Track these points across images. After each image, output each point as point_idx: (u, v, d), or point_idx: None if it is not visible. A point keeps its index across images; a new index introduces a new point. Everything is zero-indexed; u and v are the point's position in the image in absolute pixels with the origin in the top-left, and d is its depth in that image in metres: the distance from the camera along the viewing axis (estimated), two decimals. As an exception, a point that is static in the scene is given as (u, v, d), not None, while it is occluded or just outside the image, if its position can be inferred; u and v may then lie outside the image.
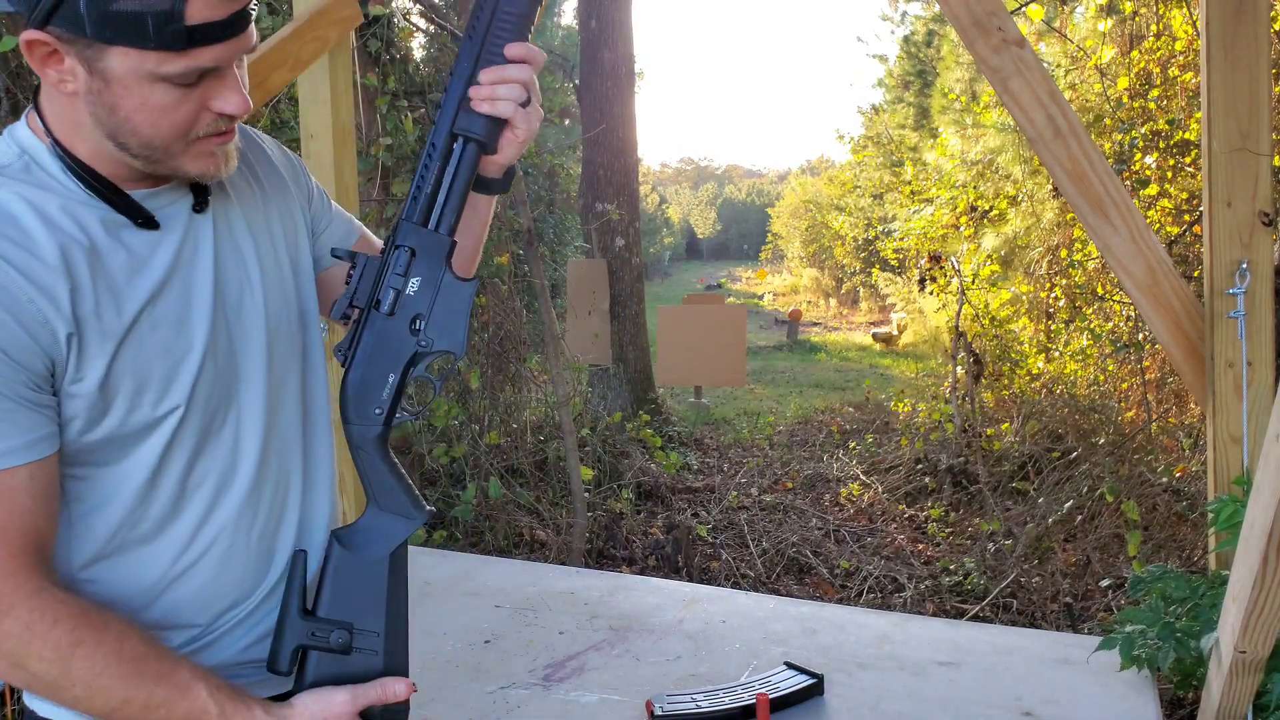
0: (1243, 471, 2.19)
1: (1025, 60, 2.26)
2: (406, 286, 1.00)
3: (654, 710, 1.92)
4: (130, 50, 0.85)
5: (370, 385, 1.01)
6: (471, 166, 1.00)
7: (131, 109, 0.89)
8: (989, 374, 6.43)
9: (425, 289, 1.00)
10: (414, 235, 1.00)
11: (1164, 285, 2.27)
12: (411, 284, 1.00)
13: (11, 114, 3.49)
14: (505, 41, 0.98)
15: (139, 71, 0.87)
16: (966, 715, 1.96)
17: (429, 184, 1.00)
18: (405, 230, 1.00)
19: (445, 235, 1.00)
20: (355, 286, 1.01)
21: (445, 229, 1.00)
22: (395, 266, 1.00)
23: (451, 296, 1.00)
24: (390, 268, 1.00)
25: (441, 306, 1.00)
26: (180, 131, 0.92)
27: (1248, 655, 1.66)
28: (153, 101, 0.89)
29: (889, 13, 16.13)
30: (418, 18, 5.16)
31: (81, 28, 0.84)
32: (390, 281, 1.00)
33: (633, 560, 4.61)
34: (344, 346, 1.02)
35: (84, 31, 0.84)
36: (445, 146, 0.99)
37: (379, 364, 1.01)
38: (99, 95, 0.88)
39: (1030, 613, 3.85)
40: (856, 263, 17.78)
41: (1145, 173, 4.96)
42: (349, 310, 1.02)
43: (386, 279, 1.00)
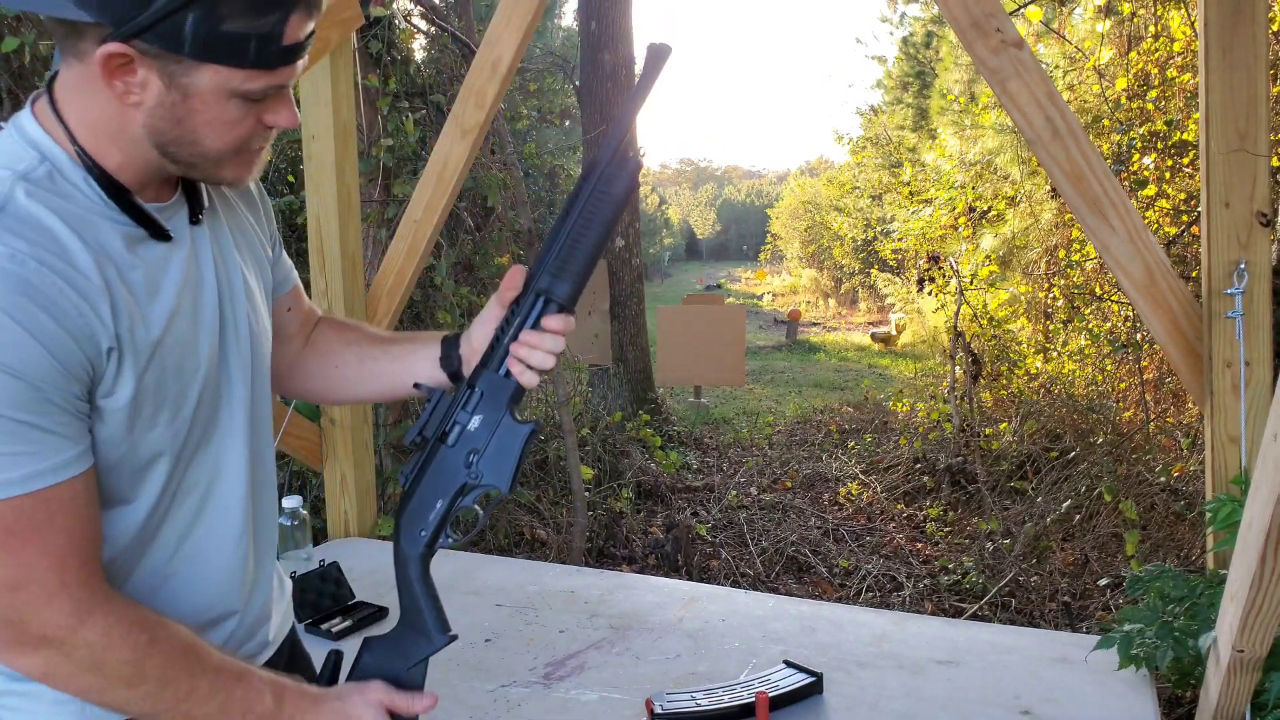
0: (1240, 471, 2.20)
1: (1024, 61, 2.27)
2: (469, 423, 1.08)
3: (654, 708, 1.93)
4: (222, 68, 0.88)
5: (420, 509, 1.10)
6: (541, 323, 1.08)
7: (202, 123, 0.91)
8: (987, 374, 6.44)
9: (485, 427, 1.08)
10: (484, 378, 1.08)
11: (1162, 285, 2.28)
12: (474, 420, 1.08)
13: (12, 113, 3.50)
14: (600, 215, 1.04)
15: (223, 88, 0.89)
16: (965, 714, 1.97)
17: (507, 335, 1.08)
18: (480, 373, 1.09)
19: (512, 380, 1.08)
20: (427, 418, 1.09)
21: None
22: (465, 404, 1.08)
23: (507, 437, 1.08)
24: (460, 404, 1.09)
25: (496, 445, 1.08)
26: (239, 144, 0.95)
27: (1246, 654, 1.67)
28: (225, 116, 0.92)
29: (888, 14, 16.15)
30: (419, 19, 5.16)
31: (179, 46, 0.85)
32: (458, 417, 1.08)
33: (633, 559, 4.62)
34: (408, 471, 1.11)
35: (181, 50, 0.85)
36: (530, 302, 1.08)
37: (431, 489, 1.10)
38: (170, 108, 0.90)
39: (1029, 612, 3.86)
40: (855, 263, 17.79)
41: (1143, 173, 4.97)
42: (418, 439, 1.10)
43: (455, 415, 1.09)
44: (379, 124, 4.22)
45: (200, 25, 0.84)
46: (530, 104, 7.63)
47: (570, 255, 1.06)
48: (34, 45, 3.17)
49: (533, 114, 7.55)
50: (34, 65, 3.37)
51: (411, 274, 3.18)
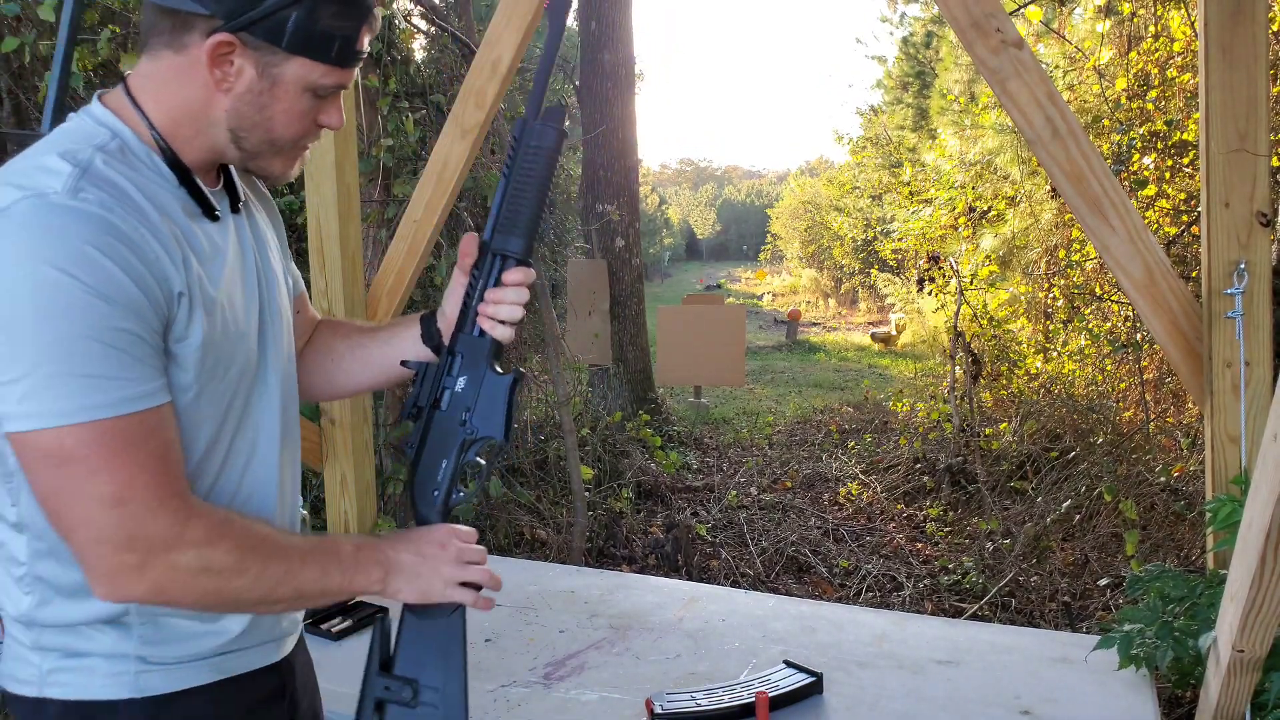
0: (1240, 471, 2.20)
1: (1024, 61, 2.26)
2: (455, 385, 1.15)
3: (654, 708, 1.93)
4: (309, 62, 1.03)
5: (428, 472, 1.17)
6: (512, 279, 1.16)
7: (279, 110, 1.05)
8: (987, 374, 6.44)
9: (470, 385, 1.15)
10: (461, 340, 1.16)
11: (1162, 285, 2.28)
12: (459, 382, 1.15)
13: (13, 114, 3.50)
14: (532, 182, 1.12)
15: (304, 81, 1.04)
16: (965, 714, 1.97)
17: (475, 295, 1.15)
18: (457, 336, 1.17)
19: (488, 338, 1.16)
20: (419, 390, 1.16)
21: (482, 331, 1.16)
22: (449, 370, 1.16)
23: (492, 389, 1.15)
24: (444, 371, 1.16)
25: (484, 399, 1.15)
26: (299, 136, 1.09)
27: (1246, 654, 1.67)
28: (297, 108, 1.06)
29: (888, 14, 16.15)
30: (419, 19, 5.16)
31: (279, 39, 1.00)
32: (445, 383, 1.16)
33: (633, 559, 4.62)
34: (411, 442, 1.17)
35: (279, 42, 1.00)
36: (487, 261, 1.15)
37: (434, 453, 1.16)
38: (256, 95, 1.03)
39: (1029, 612, 3.86)
40: (855, 263, 17.79)
41: (1143, 173, 4.97)
42: (414, 410, 1.17)
43: (443, 381, 1.16)
44: (379, 124, 4.22)
45: (301, 23, 0.99)
46: (530, 104, 7.61)
47: (516, 212, 1.13)
48: (34, 45, 3.17)
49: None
50: (34, 65, 3.37)
51: (411, 274, 3.18)
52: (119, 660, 1.04)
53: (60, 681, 1.04)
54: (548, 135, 1.11)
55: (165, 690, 1.06)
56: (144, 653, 1.05)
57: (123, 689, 1.04)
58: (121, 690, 1.04)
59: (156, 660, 1.06)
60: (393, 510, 4.04)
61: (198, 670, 1.09)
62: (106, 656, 1.04)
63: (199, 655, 1.09)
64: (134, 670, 1.05)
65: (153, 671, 1.06)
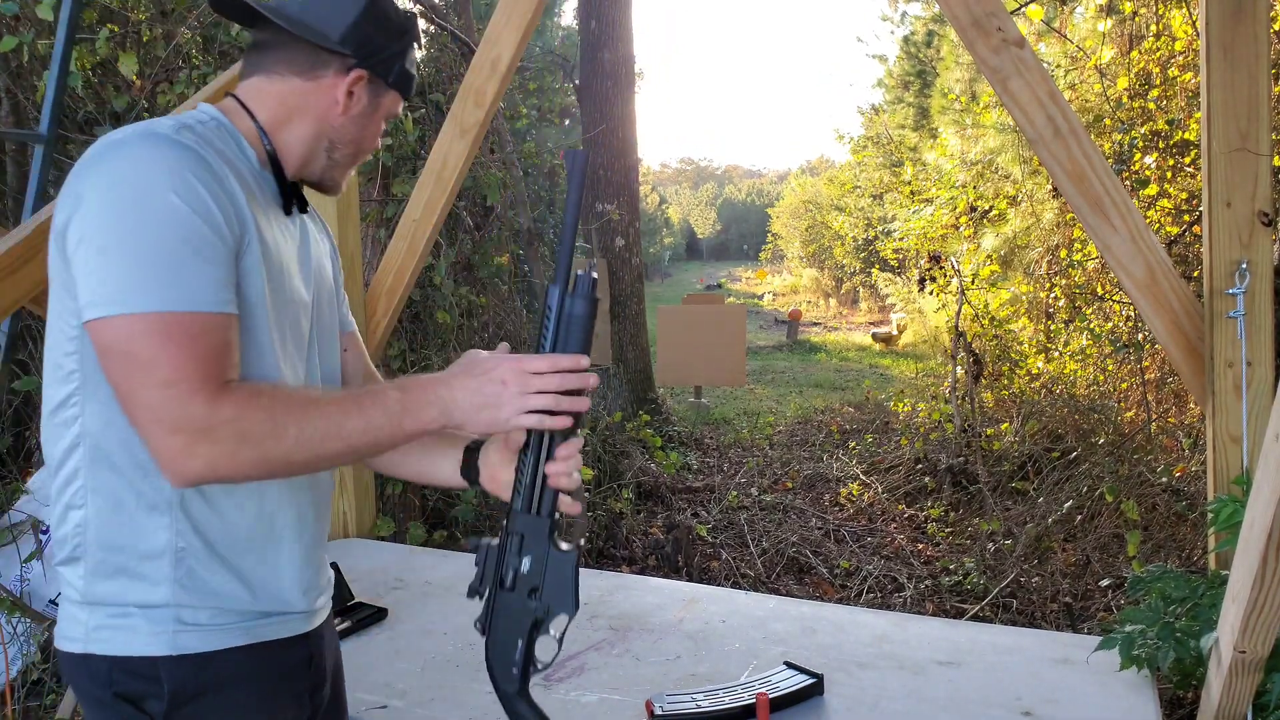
0: (1242, 471, 2.20)
1: (1025, 60, 2.26)
2: (521, 565, 1.20)
3: (654, 710, 1.92)
4: (397, 94, 1.34)
5: (504, 650, 1.22)
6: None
7: (371, 132, 1.34)
8: (989, 374, 6.43)
9: (535, 565, 1.20)
10: (521, 521, 1.20)
11: (1163, 285, 2.27)
12: (524, 563, 1.20)
13: (12, 113, 3.50)
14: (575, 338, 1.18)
15: (390, 109, 1.35)
16: (966, 715, 1.96)
17: (527, 474, 1.20)
18: (515, 517, 1.21)
19: (545, 517, 1.20)
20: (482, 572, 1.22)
21: (546, 511, 1.20)
22: (513, 549, 1.20)
23: (559, 567, 1.20)
24: (508, 551, 1.21)
25: (552, 577, 1.20)
26: (366, 153, 1.36)
27: (1247, 655, 1.66)
28: (375, 130, 1.35)
29: (889, 13, 16.15)
30: (419, 19, 5.15)
31: (388, 76, 1.30)
32: (509, 563, 1.21)
33: (633, 560, 4.62)
34: (482, 619, 1.23)
35: (387, 78, 1.30)
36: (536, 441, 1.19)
37: (508, 632, 1.21)
38: (363, 118, 1.30)
39: (1030, 612, 3.85)
40: (856, 263, 17.79)
41: (1145, 173, 4.96)
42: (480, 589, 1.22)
43: (507, 560, 1.21)
44: (379, 123, 4.21)
45: (402, 64, 1.32)
46: (530, 103, 7.62)
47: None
48: (32, 44, 3.16)
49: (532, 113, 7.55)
50: (32, 64, 3.36)
51: (411, 273, 3.17)
52: (159, 620, 1.14)
53: (104, 639, 1.14)
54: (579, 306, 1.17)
55: (201, 649, 1.16)
56: (181, 614, 1.15)
57: (162, 646, 1.14)
58: (161, 647, 1.14)
59: (192, 621, 1.16)
60: (391, 510, 4.04)
61: (230, 633, 1.18)
62: (147, 616, 1.14)
63: (231, 620, 1.19)
64: (172, 630, 1.15)
65: (189, 631, 1.16)
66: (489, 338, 4.95)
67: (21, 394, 3.25)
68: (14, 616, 2.64)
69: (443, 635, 2.38)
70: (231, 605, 1.19)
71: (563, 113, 9.79)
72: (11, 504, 2.83)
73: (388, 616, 2.50)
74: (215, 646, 1.17)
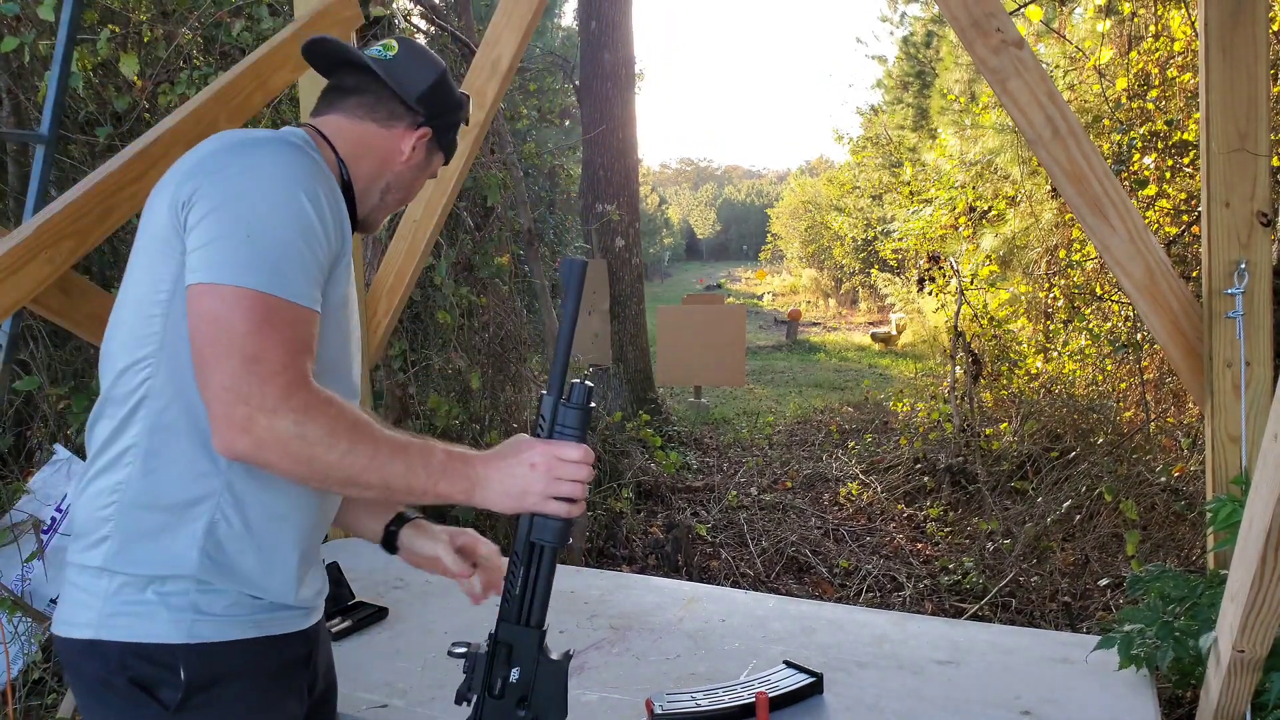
0: (1241, 471, 2.20)
1: (1024, 61, 2.26)
2: (510, 675, 1.20)
3: (654, 709, 1.93)
4: (441, 158, 1.53)
5: None
6: (550, 568, 1.20)
7: (417, 184, 1.51)
8: (988, 374, 6.43)
9: (524, 674, 1.20)
10: (509, 631, 1.20)
11: (1162, 285, 2.27)
12: (513, 673, 1.20)
13: (13, 114, 3.50)
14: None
15: (434, 167, 1.53)
16: (965, 714, 1.97)
17: (516, 586, 1.20)
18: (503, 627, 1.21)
19: (535, 628, 1.20)
20: (470, 679, 1.22)
21: (535, 622, 1.20)
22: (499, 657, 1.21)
23: (548, 676, 1.20)
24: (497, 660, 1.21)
25: (543, 686, 1.20)
26: (406, 202, 1.54)
27: (1246, 654, 1.67)
28: (420, 184, 1.53)
29: (888, 14, 16.15)
30: (419, 19, 5.16)
31: (442, 139, 1.49)
32: (498, 672, 1.20)
33: (633, 559, 4.62)
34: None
35: (441, 141, 1.49)
36: (525, 553, 1.19)
37: None
38: (415, 168, 1.47)
39: (1029, 612, 3.85)
40: (855, 263, 17.80)
41: (1144, 173, 4.97)
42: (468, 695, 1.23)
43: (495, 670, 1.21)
44: (379, 124, 4.21)
45: (454, 134, 1.52)
46: (530, 103, 7.63)
47: None
48: (33, 45, 3.17)
49: (532, 113, 7.55)
50: (33, 65, 3.36)
51: (411, 273, 3.18)
52: (178, 608, 1.18)
53: (120, 625, 1.17)
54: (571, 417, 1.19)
55: (215, 639, 1.19)
56: (199, 601, 1.18)
57: (180, 634, 1.17)
58: (179, 635, 1.17)
59: (208, 610, 1.19)
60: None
61: (242, 625, 1.22)
62: (166, 602, 1.17)
63: (244, 611, 1.22)
64: (190, 619, 1.18)
65: (204, 621, 1.19)
66: (489, 338, 4.95)
67: (23, 394, 3.25)
68: (15, 616, 2.64)
69: (443, 635, 2.38)
70: (246, 593, 1.22)
71: (563, 113, 9.79)
72: (13, 503, 2.83)
73: (388, 616, 2.50)
74: (228, 637, 1.20)
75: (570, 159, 8.70)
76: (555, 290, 7.59)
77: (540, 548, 1.19)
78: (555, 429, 1.19)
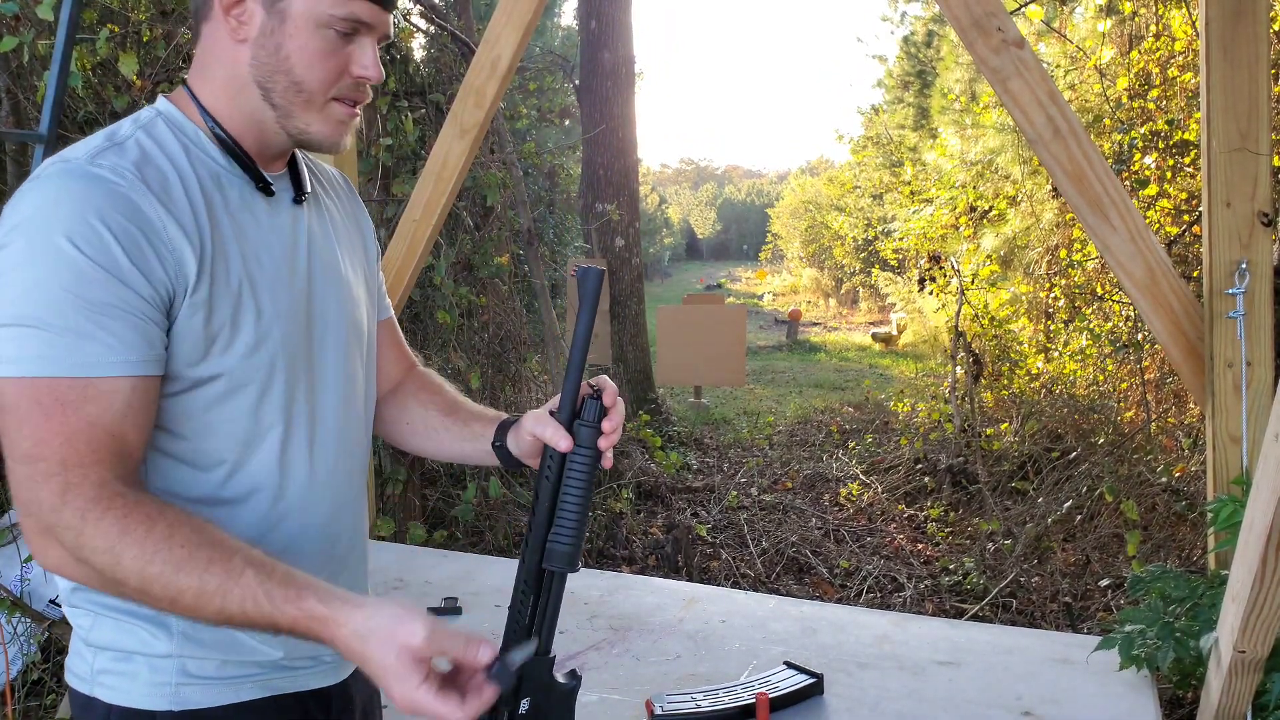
0: (1242, 471, 2.20)
1: (1025, 61, 2.26)
2: (519, 707, 1.10)
3: (654, 709, 1.92)
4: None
5: None
6: (559, 594, 1.10)
7: (295, 49, 1.02)
8: (988, 374, 6.43)
9: (535, 704, 1.11)
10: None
11: (1163, 285, 2.27)
12: (523, 705, 1.11)
13: (12, 114, 3.49)
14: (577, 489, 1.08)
15: (311, 14, 1.01)
16: (966, 715, 1.96)
17: (526, 614, 1.10)
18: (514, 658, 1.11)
19: (544, 655, 1.11)
20: None
21: (544, 650, 1.11)
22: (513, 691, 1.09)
23: (559, 702, 1.12)
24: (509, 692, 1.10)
25: (553, 715, 1.12)
26: (327, 81, 1.05)
27: (1247, 655, 1.67)
28: (313, 46, 1.02)
29: (888, 13, 16.14)
30: (418, 19, 5.15)
31: None
32: (505, 704, 1.10)
33: (633, 560, 4.62)
34: None
35: None
36: (535, 579, 1.10)
37: None
38: (269, 35, 1.02)
39: (1030, 612, 3.85)
40: (856, 263, 17.78)
41: (1144, 173, 4.96)
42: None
43: (503, 701, 1.09)
44: (378, 123, 4.21)
45: None
46: (530, 103, 7.62)
47: (562, 521, 1.10)
48: (32, 44, 3.16)
49: (532, 113, 7.54)
50: (32, 64, 3.36)
51: (411, 273, 3.17)
52: (161, 670, 1.03)
53: (107, 684, 1.04)
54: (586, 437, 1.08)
55: (204, 705, 1.04)
56: (187, 664, 1.04)
57: (162, 700, 1.03)
58: (161, 701, 1.03)
59: (198, 673, 1.04)
60: (391, 510, 4.04)
61: (239, 687, 1.06)
62: (150, 664, 1.03)
63: (244, 671, 1.06)
64: (175, 681, 1.04)
65: (193, 685, 1.04)
66: (489, 338, 4.95)
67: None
68: (14, 616, 2.64)
69: (443, 635, 2.38)
70: (244, 655, 1.06)
71: (563, 113, 9.78)
72: (11, 504, 2.83)
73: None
74: (222, 701, 1.05)
75: (570, 158, 8.70)
76: (555, 290, 7.58)
77: (551, 575, 1.11)
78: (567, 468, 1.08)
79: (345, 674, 1.17)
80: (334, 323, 1.15)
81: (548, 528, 1.09)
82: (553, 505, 1.09)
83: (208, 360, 1.01)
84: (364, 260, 1.27)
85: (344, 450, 1.16)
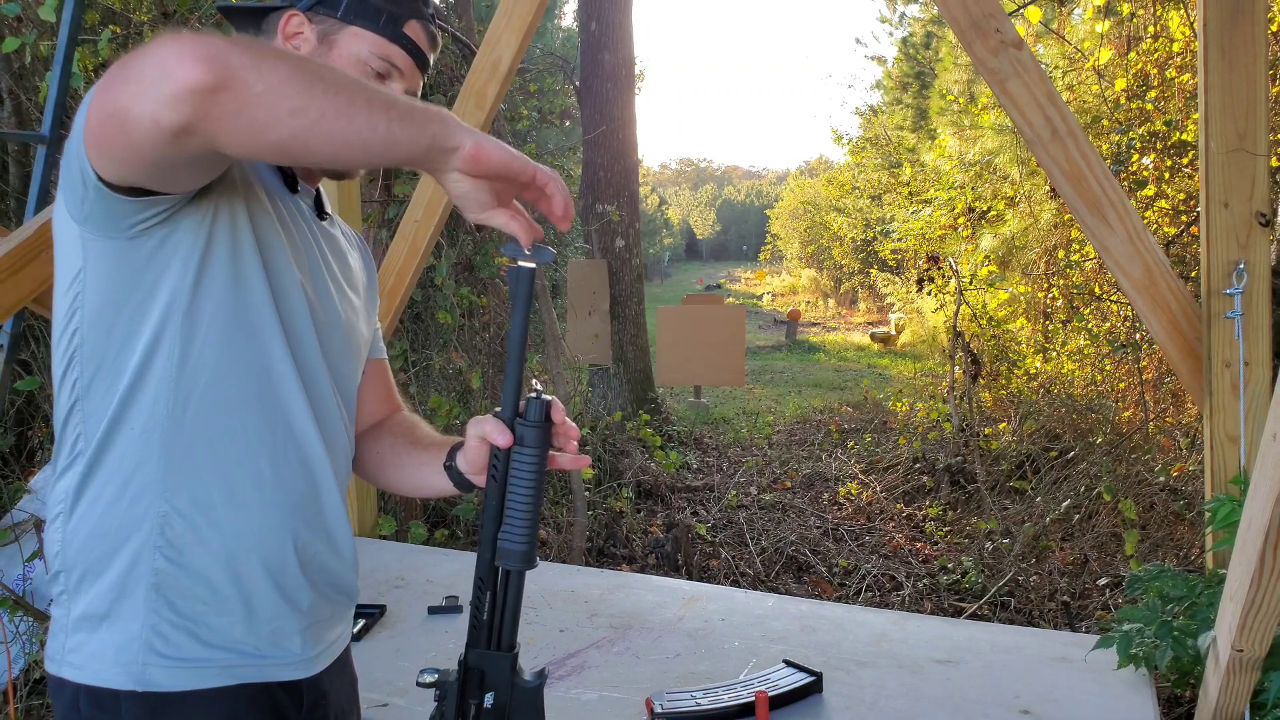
0: (1240, 471, 2.21)
1: (1023, 62, 2.27)
2: (485, 701, 1.13)
3: (654, 708, 1.93)
4: (360, 31, 1.14)
5: None
6: (518, 590, 1.11)
7: None
8: (987, 374, 6.44)
9: (499, 699, 1.13)
10: (479, 656, 1.13)
11: (1161, 285, 2.28)
12: (487, 699, 1.13)
13: (13, 114, 3.50)
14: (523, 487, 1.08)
15: (354, 51, 1.14)
16: (965, 713, 1.97)
17: (484, 611, 1.12)
18: (473, 654, 1.14)
19: (506, 652, 1.13)
20: (441, 709, 1.13)
21: (506, 646, 1.13)
22: (471, 683, 1.13)
23: (524, 700, 1.14)
24: (470, 685, 1.13)
25: (519, 711, 1.13)
26: None
27: (1245, 653, 1.67)
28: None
29: (887, 14, 16.16)
30: (418, 18, 5.17)
31: (336, 10, 1.14)
32: (472, 697, 1.13)
33: (632, 559, 4.62)
34: None
35: (336, 12, 1.14)
36: (489, 576, 1.11)
37: None
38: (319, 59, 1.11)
39: (1028, 611, 3.86)
40: (855, 263, 17.81)
41: (1143, 173, 4.98)
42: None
43: (468, 697, 1.13)
44: (379, 124, 4.21)
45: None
46: (530, 104, 7.63)
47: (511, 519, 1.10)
48: (34, 45, 3.17)
49: (533, 114, 7.55)
50: (34, 65, 3.37)
51: (412, 274, 3.18)
52: (128, 649, 1.03)
53: (74, 662, 1.05)
54: (530, 437, 1.08)
55: (169, 688, 1.04)
56: (155, 644, 1.04)
57: (129, 679, 1.03)
58: (127, 680, 1.03)
59: (166, 652, 1.04)
60: (393, 509, 4.05)
61: (205, 671, 1.06)
62: (117, 642, 1.04)
63: (210, 654, 1.06)
64: (141, 661, 1.03)
65: (160, 667, 1.04)
66: (489, 338, 4.96)
67: (24, 394, 3.26)
68: (16, 616, 2.65)
69: (444, 634, 2.39)
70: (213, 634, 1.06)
71: (563, 114, 9.79)
72: (14, 503, 2.84)
73: (387, 615, 2.51)
74: (186, 686, 1.05)
75: (570, 159, 8.71)
76: (555, 290, 7.59)
77: (505, 571, 1.11)
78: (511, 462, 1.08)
79: (317, 669, 1.17)
80: (334, 330, 1.20)
81: (497, 525, 1.09)
82: (500, 503, 1.09)
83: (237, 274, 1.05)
84: (368, 300, 1.34)
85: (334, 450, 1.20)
